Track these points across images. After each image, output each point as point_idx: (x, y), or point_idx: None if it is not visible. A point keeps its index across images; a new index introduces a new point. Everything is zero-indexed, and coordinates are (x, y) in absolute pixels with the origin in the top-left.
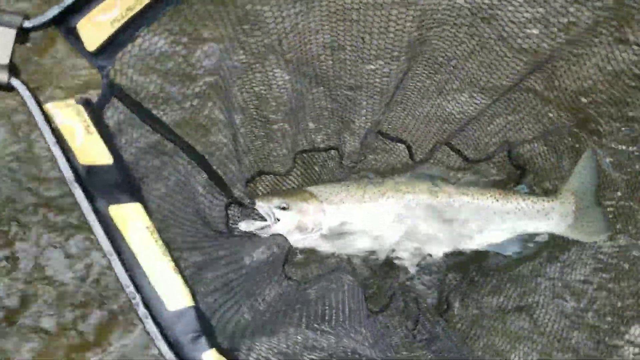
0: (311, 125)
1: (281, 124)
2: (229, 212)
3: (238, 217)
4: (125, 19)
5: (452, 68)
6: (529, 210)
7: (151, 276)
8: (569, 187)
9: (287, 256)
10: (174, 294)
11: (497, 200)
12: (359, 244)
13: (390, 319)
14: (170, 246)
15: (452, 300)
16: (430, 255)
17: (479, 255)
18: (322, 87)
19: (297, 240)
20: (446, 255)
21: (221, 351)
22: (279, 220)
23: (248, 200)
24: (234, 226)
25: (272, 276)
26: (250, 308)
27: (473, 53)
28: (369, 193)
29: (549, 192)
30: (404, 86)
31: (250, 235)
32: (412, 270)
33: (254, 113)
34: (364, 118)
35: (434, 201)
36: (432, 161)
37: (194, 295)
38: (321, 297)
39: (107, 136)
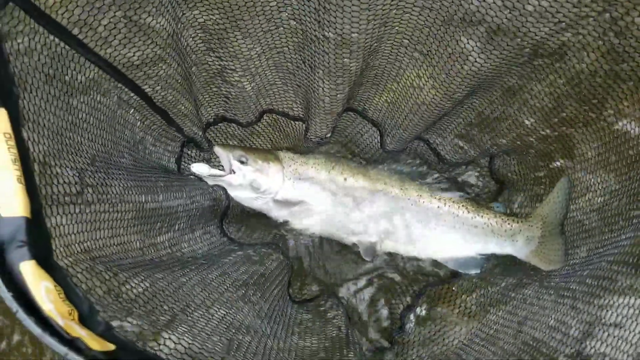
0: (280, 89)
1: (246, 78)
2: (184, 150)
3: (194, 159)
4: None
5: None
6: (497, 229)
7: None
8: (540, 212)
9: (225, 212)
10: (11, 202)
11: (468, 212)
12: (311, 221)
13: (312, 314)
14: (29, 159)
15: (406, 321)
16: (388, 254)
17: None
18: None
19: (247, 199)
20: (402, 258)
21: (46, 265)
22: (234, 172)
23: (206, 142)
24: (186, 165)
25: (199, 227)
26: (144, 245)
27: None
28: (337, 172)
29: (520, 215)
30: (373, 65)
31: (193, 179)
32: (367, 258)
33: (216, 59)
34: (328, 97)
35: (403, 196)
36: (405, 155)
37: (35, 209)
38: (237, 263)
39: None
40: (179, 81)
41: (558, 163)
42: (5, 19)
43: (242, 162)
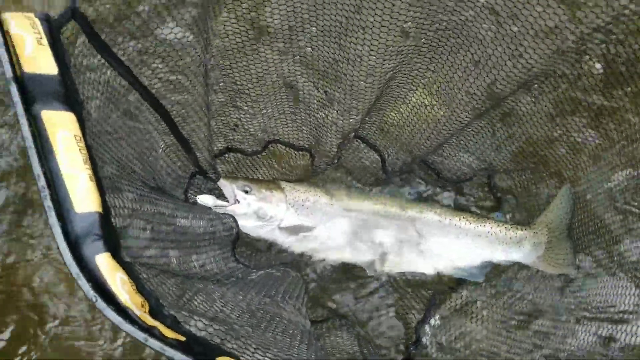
0: (289, 118)
1: (258, 105)
2: (191, 181)
3: (199, 190)
4: None
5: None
6: (502, 237)
7: (67, 178)
8: (544, 219)
9: (236, 239)
10: (84, 199)
11: (470, 223)
12: (315, 246)
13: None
14: (95, 160)
15: (421, 334)
16: (393, 272)
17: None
18: (303, 79)
19: (253, 227)
20: (411, 275)
21: (117, 259)
22: (238, 202)
23: (213, 174)
24: (191, 196)
25: (217, 252)
26: (180, 262)
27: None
28: (338, 197)
29: (524, 223)
30: (386, 94)
31: (204, 208)
32: (371, 272)
33: (231, 84)
34: (341, 120)
35: (404, 215)
36: (404, 177)
37: (105, 206)
38: (263, 279)
39: (58, 50)
40: (202, 108)
41: (557, 176)
42: (65, 34)
43: (245, 192)
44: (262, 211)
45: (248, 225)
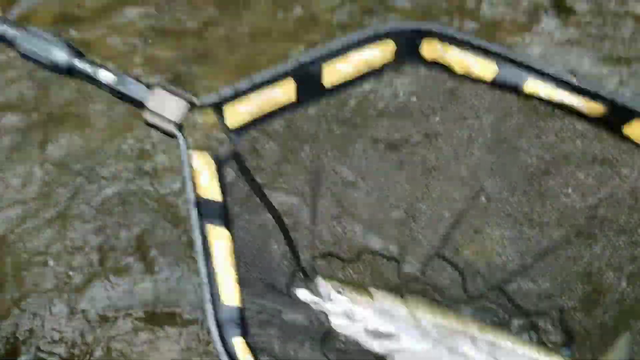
0: (380, 231)
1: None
2: (294, 278)
3: (298, 285)
4: (258, 113)
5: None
6: None
7: (219, 279)
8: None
9: (326, 334)
10: (230, 295)
11: (540, 355)
12: (396, 352)
13: None
14: (238, 265)
15: None
16: None
17: None
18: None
19: (343, 326)
20: None
21: (248, 344)
22: (332, 300)
23: (313, 273)
24: (292, 290)
25: (308, 345)
26: (282, 349)
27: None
28: (419, 310)
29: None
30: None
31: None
32: None
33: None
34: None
35: (480, 337)
36: (483, 300)
37: (242, 302)
38: None
39: (222, 183)
40: (311, 221)
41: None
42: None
43: (339, 292)
44: (351, 312)
45: (338, 323)
